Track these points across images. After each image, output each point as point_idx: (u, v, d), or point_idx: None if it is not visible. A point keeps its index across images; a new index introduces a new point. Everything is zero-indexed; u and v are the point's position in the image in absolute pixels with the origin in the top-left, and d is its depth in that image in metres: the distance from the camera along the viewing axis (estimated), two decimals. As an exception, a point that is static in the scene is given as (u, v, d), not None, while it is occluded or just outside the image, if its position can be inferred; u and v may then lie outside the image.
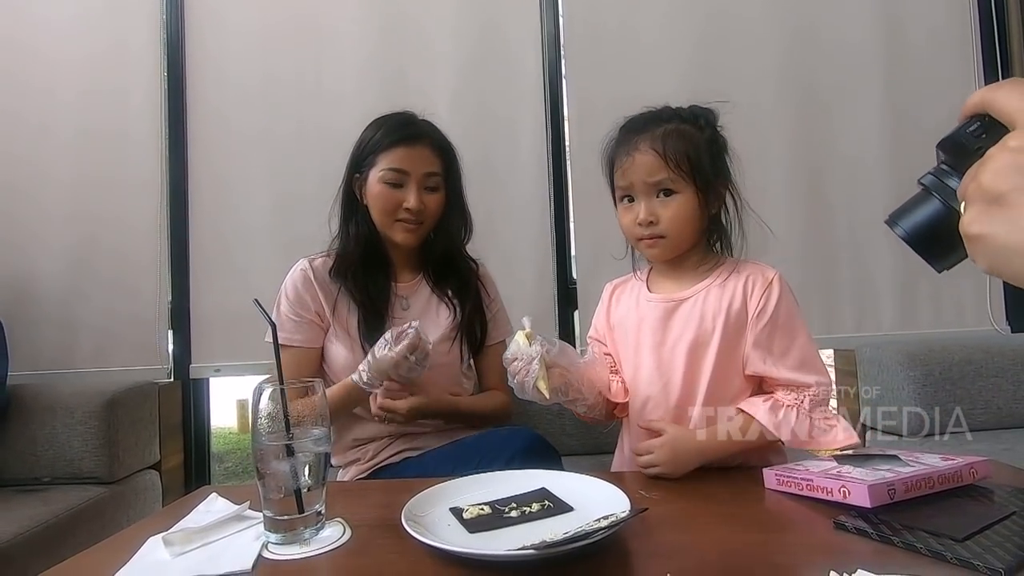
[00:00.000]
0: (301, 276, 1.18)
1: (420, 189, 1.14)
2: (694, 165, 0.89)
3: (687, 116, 0.93)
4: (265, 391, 0.69)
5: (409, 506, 0.71)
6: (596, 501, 0.71)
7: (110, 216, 1.89)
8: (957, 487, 0.72)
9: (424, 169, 1.15)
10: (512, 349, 0.87)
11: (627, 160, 0.91)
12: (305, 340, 1.16)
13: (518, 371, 0.86)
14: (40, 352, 1.84)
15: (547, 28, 1.97)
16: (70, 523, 1.39)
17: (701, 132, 0.92)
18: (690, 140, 0.90)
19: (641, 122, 0.94)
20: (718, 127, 0.95)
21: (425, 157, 1.16)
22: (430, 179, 1.16)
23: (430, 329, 1.16)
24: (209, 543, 0.67)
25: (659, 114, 0.94)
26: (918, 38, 2.00)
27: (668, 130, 0.90)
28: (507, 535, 0.66)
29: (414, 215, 1.14)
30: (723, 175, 0.94)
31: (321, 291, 1.17)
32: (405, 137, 1.15)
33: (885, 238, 1.96)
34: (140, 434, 1.70)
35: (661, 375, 0.91)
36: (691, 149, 0.89)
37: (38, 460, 1.57)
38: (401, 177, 1.14)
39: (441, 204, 1.19)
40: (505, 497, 0.75)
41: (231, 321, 1.87)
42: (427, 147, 1.16)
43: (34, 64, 1.90)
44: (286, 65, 1.93)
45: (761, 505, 0.75)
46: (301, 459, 0.68)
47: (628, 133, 0.94)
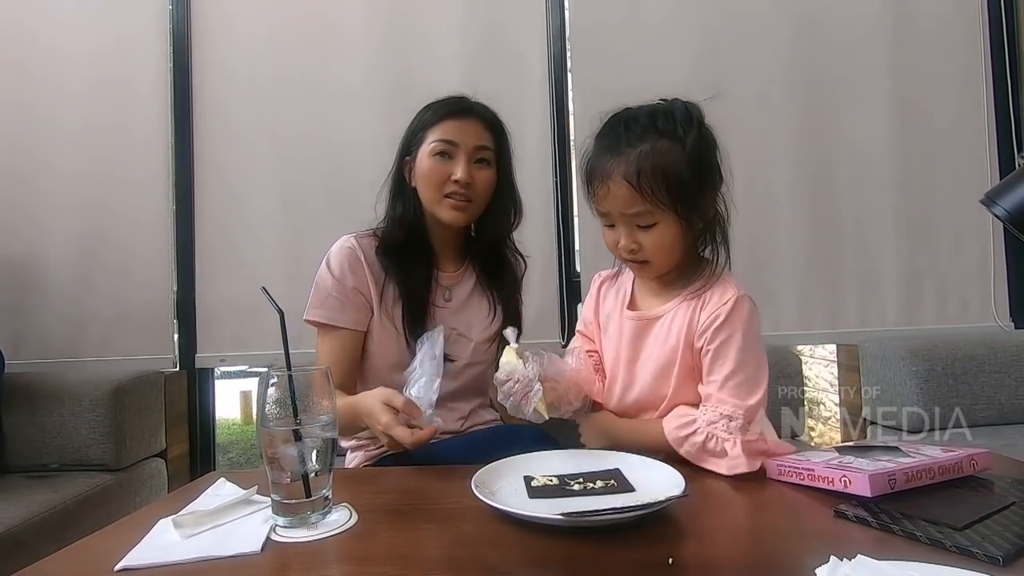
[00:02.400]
0: (349, 253, 1.10)
1: (470, 162, 1.08)
2: (673, 193, 0.83)
3: (665, 126, 0.85)
4: (272, 376, 0.70)
5: (488, 468, 0.78)
6: (660, 486, 0.72)
7: (117, 207, 1.90)
8: (957, 478, 0.73)
9: (474, 142, 1.10)
10: (504, 369, 0.84)
11: (602, 189, 0.86)
12: (351, 321, 1.09)
13: (513, 392, 0.83)
14: (48, 341, 1.86)
15: (553, 21, 1.97)
16: (78, 509, 1.41)
17: (682, 144, 0.84)
18: (668, 162, 0.83)
19: (614, 139, 0.86)
20: (704, 126, 0.88)
21: (476, 131, 1.11)
22: (480, 152, 1.10)
23: (472, 324, 1.16)
24: (218, 525, 0.68)
25: (633, 126, 0.86)
26: (926, 29, 1.99)
27: (643, 153, 0.83)
28: (560, 504, 0.70)
29: (462, 188, 1.08)
30: (709, 185, 0.87)
31: (369, 272, 1.10)
32: (455, 110, 1.12)
33: (891, 233, 1.96)
34: (146, 422, 1.72)
35: (630, 390, 0.92)
36: (670, 173, 0.82)
37: (46, 447, 1.59)
38: (450, 148, 1.08)
39: (490, 183, 1.12)
40: (576, 472, 0.79)
41: (236, 311, 1.88)
42: (478, 121, 1.12)
43: (42, 56, 1.90)
44: (292, 58, 1.93)
45: (763, 494, 0.76)
46: (309, 444, 0.69)
47: (601, 155, 0.87)
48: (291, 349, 0.75)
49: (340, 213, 1.89)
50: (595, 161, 0.88)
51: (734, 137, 2.10)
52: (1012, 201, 0.45)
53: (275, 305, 0.75)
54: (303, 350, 1.35)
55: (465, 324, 1.15)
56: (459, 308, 1.16)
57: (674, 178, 0.83)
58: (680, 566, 0.57)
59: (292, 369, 0.71)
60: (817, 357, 3.43)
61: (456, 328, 1.13)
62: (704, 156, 0.86)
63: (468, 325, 1.16)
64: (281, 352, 0.75)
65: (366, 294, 1.10)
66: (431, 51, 1.94)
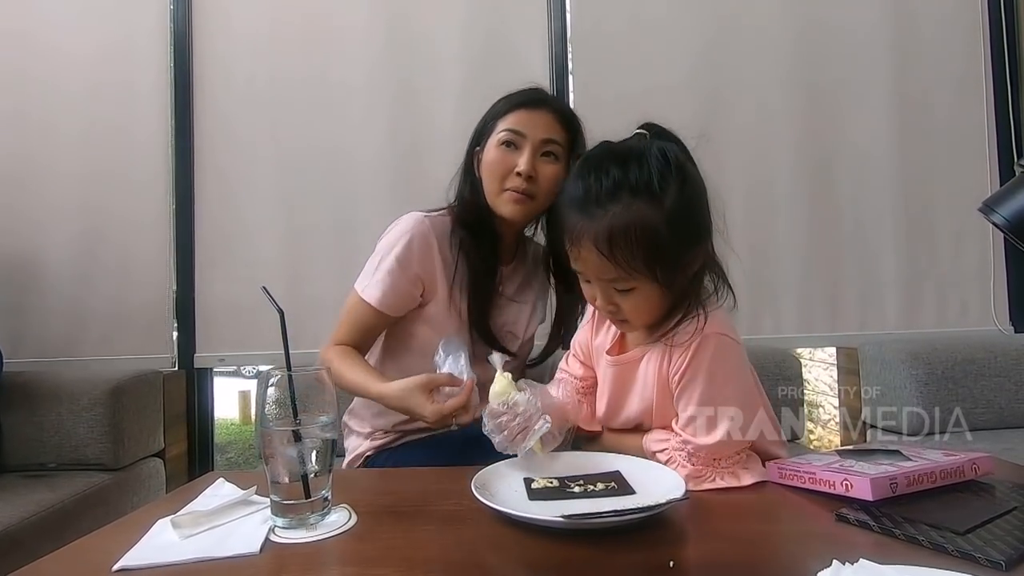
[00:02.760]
0: (422, 239, 1.06)
1: (535, 154, 1.04)
2: (650, 259, 0.75)
3: (639, 180, 0.75)
4: (273, 376, 0.70)
5: (488, 470, 0.77)
6: (660, 488, 0.72)
7: (117, 206, 1.89)
8: (959, 482, 0.72)
9: (542, 135, 1.05)
10: (498, 399, 0.79)
11: (572, 249, 0.79)
12: (393, 309, 1.08)
13: (510, 427, 0.78)
14: (47, 340, 1.86)
15: (554, 24, 1.97)
16: (76, 508, 1.40)
17: (659, 203, 0.74)
18: (643, 226, 0.74)
19: (583, 195, 0.77)
20: (687, 171, 0.78)
21: (546, 122, 1.06)
22: (548, 145, 1.05)
23: (519, 320, 1.17)
24: (217, 526, 0.68)
25: (604, 180, 0.76)
26: (926, 32, 1.99)
27: (615, 216, 0.74)
28: (560, 506, 0.70)
29: (524, 181, 1.03)
30: (695, 241, 0.78)
31: (440, 257, 1.07)
32: (526, 100, 1.08)
33: (891, 235, 1.96)
34: (145, 422, 1.71)
35: (617, 418, 0.92)
36: (645, 239, 0.74)
37: (44, 446, 1.58)
38: (517, 139, 1.05)
39: (556, 178, 1.04)
40: (576, 474, 0.79)
41: (236, 311, 1.88)
42: (549, 113, 1.07)
43: (41, 58, 1.90)
44: (293, 59, 1.93)
45: (764, 497, 0.75)
46: (308, 445, 0.69)
47: (570, 211, 0.78)
48: (291, 349, 0.75)
49: (339, 213, 1.90)
50: (565, 215, 0.79)
51: (734, 140, 2.11)
52: (1011, 209, 0.45)
53: (275, 305, 0.75)
54: (303, 350, 1.36)
55: (513, 322, 1.16)
56: (509, 303, 1.16)
57: (651, 244, 0.74)
58: (681, 569, 0.56)
59: (292, 369, 0.71)
60: (816, 360, 3.43)
61: (506, 324, 1.15)
62: (687, 211, 0.76)
63: (514, 323, 1.16)
64: (281, 352, 0.75)
65: (427, 282, 1.08)
66: (432, 53, 1.93)
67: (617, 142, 0.82)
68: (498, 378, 0.80)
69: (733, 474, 0.78)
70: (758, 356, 1.48)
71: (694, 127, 2.03)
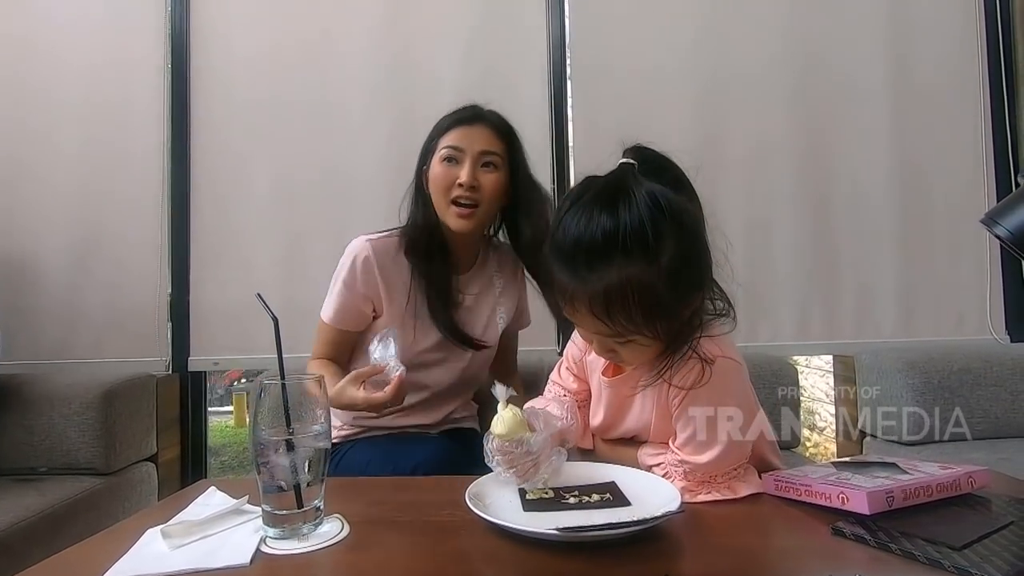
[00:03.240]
0: (363, 264, 1.17)
1: (475, 166, 1.14)
2: (647, 316, 0.71)
3: (634, 238, 0.68)
4: (266, 384, 0.69)
5: (483, 480, 0.77)
6: (656, 500, 0.72)
7: (112, 208, 1.89)
8: (955, 496, 0.72)
9: (480, 147, 1.15)
10: (508, 437, 0.75)
11: (566, 307, 0.75)
12: (352, 326, 1.20)
13: (517, 463, 0.75)
14: (41, 342, 1.85)
15: (553, 32, 1.97)
16: (66, 513, 1.39)
17: (656, 259, 0.69)
18: (639, 291, 0.69)
19: (571, 254, 0.71)
20: (679, 208, 0.71)
21: (483, 136, 1.16)
22: (486, 156, 1.15)
23: (476, 325, 1.24)
24: (208, 536, 0.67)
25: (594, 242, 0.69)
26: (923, 44, 2.00)
27: (610, 283, 0.69)
28: (555, 518, 0.69)
29: (467, 192, 1.12)
30: (696, 287, 0.74)
31: (383, 277, 1.17)
32: (463, 118, 1.18)
33: (888, 244, 1.96)
34: (137, 426, 1.70)
35: (613, 431, 0.91)
36: (643, 300, 0.69)
37: (35, 450, 1.57)
38: (457, 154, 1.14)
39: (498, 186, 1.16)
40: (571, 485, 0.78)
41: (231, 314, 1.87)
42: (485, 127, 1.17)
43: (41, 65, 1.90)
44: (290, 61, 1.93)
45: (760, 510, 0.75)
46: (301, 454, 0.68)
47: (561, 267, 0.73)
48: (287, 354, 0.74)
49: (334, 218, 1.89)
50: (555, 270, 0.74)
51: (732, 152, 2.11)
52: (1014, 222, 0.45)
53: (270, 312, 0.74)
54: (298, 355, 1.35)
55: (472, 323, 1.24)
56: (472, 306, 1.25)
57: (649, 304, 0.70)
58: (676, 584, 0.56)
59: (286, 377, 0.70)
60: (813, 367, 3.43)
61: (466, 325, 1.22)
62: (685, 262, 0.71)
63: (473, 324, 1.24)
64: (275, 357, 0.74)
65: (375, 300, 1.18)
66: (429, 70, 1.93)
67: (602, 179, 0.75)
68: (504, 413, 0.77)
69: (728, 487, 0.77)
70: (754, 363, 1.48)
71: (694, 139, 2.04)
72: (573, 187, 0.78)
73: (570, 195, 0.76)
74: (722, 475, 0.77)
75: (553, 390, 0.99)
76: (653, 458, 0.83)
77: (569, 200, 0.75)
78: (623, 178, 0.73)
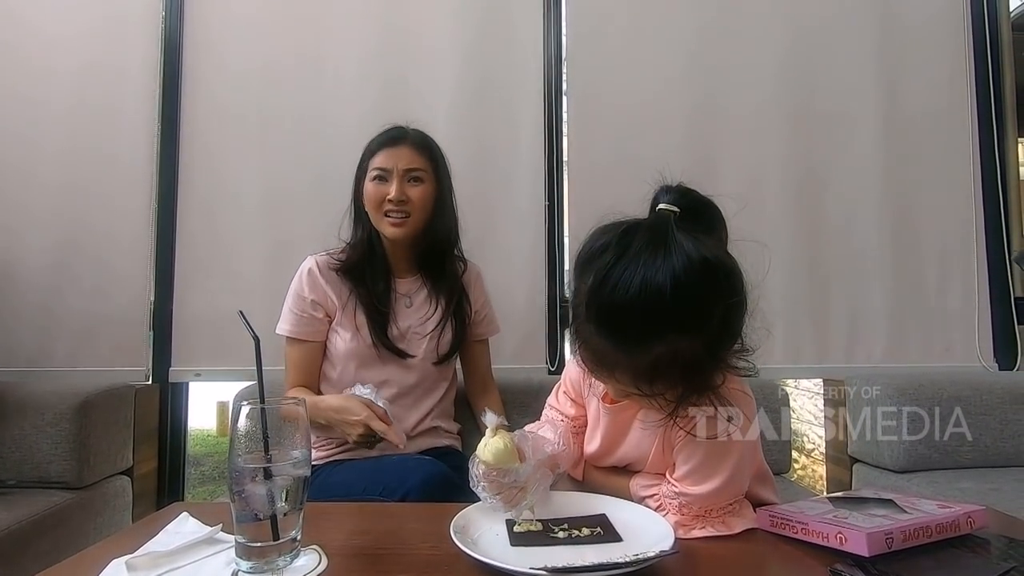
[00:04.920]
0: (308, 275, 1.31)
1: (402, 182, 1.27)
2: (688, 385, 0.69)
3: (688, 304, 0.64)
4: (244, 408, 0.66)
5: (469, 511, 0.75)
6: (648, 536, 0.70)
7: (97, 213, 1.85)
8: (954, 536, 0.70)
9: (405, 165, 1.28)
10: (498, 466, 0.74)
11: (601, 369, 0.72)
12: (309, 334, 1.30)
13: (503, 491, 0.74)
14: (17, 349, 1.79)
15: (551, 38, 1.97)
16: (33, 530, 1.32)
17: (704, 331, 0.66)
18: (687, 363, 0.66)
19: (618, 310, 0.65)
20: (726, 273, 0.68)
21: (407, 155, 1.29)
22: (412, 172, 1.29)
23: (425, 322, 1.33)
24: (176, 569, 0.64)
25: (644, 308, 0.64)
26: (913, 68, 2.01)
27: (658, 355, 0.65)
28: (544, 553, 0.67)
29: (396, 205, 1.26)
30: (732, 349, 0.71)
31: (329, 286, 1.30)
32: (387, 140, 1.31)
33: (877, 271, 1.96)
34: (113, 438, 1.64)
35: (609, 458, 0.89)
36: (688, 372, 0.68)
37: (3, 462, 1.50)
38: (385, 173, 1.28)
39: (426, 196, 1.30)
40: (560, 517, 0.76)
41: (214, 324, 1.83)
42: (408, 146, 1.30)
43: (25, 69, 1.86)
44: (283, 72, 1.91)
45: (755, 547, 0.73)
46: (279, 483, 0.65)
47: (606, 337, 0.67)
48: (270, 368, 0.71)
49: (322, 230, 1.85)
50: (592, 330, 0.68)
51: (726, 172, 2.11)
52: None
53: (251, 331, 0.71)
54: (281, 367, 1.32)
55: (420, 323, 1.34)
56: (416, 309, 1.35)
57: (693, 372, 0.68)
58: (670, 631, 0.53)
59: (266, 401, 0.67)
60: (801, 388, 3.43)
61: (412, 327, 1.32)
62: (731, 328, 0.68)
63: (422, 324, 1.34)
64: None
65: (325, 305, 1.30)
66: (424, 78, 1.92)
67: (645, 233, 0.67)
68: (493, 440, 0.76)
69: (723, 522, 0.75)
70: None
71: (687, 160, 2.04)
72: (608, 235, 0.69)
73: (607, 245, 0.68)
74: (717, 509, 0.75)
75: (550, 414, 0.96)
76: (646, 489, 0.81)
77: (612, 255, 0.67)
78: (666, 232, 0.67)
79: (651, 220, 0.71)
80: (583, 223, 1.91)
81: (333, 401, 1.19)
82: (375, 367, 1.28)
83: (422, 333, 1.33)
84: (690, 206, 0.73)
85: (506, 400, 1.51)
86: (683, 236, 0.66)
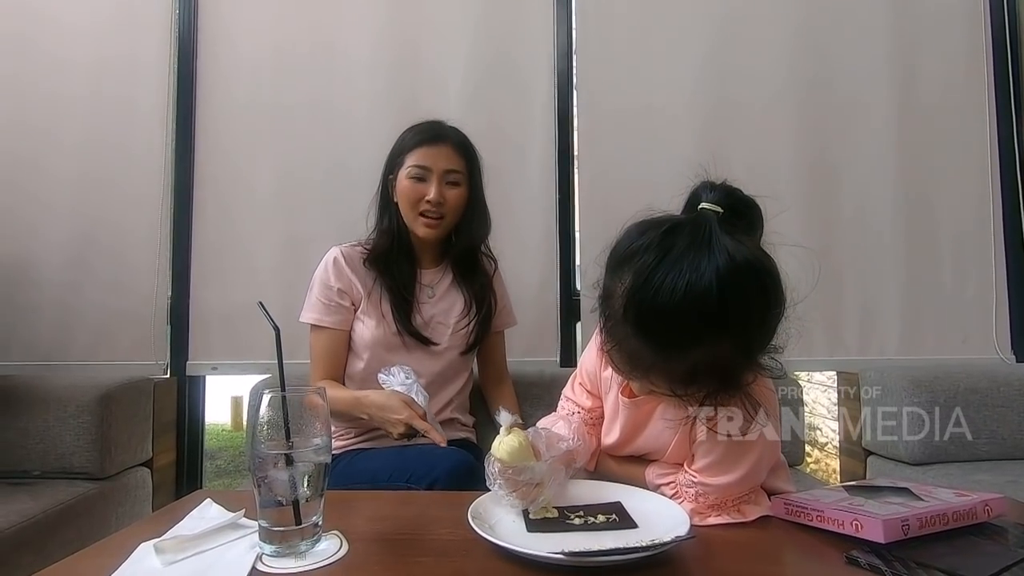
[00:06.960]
0: (334, 264, 1.31)
1: (441, 184, 1.26)
2: (723, 386, 0.69)
3: (727, 316, 0.63)
4: (265, 396, 0.68)
5: (485, 498, 0.76)
6: (663, 523, 0.70)
7: (113, 208, 1.87)
8: (971, 524, 0.70)
9: (445, 166, 1.27)
10: (513, 464, 0.74)
11: (635, 372, 0.71)
12: (335, 322, 1.29)
13: (519, 488, 0.74)
14: (37, 344, 1.82)
15: (559, 38, 1.97)
16: (59, 519, 1.36)
17: (745, 335, 0.65)
18: (725, 366, 0.66)
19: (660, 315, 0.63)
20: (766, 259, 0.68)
21: (447, 155, 1.28)
22: (450, 175, 1.28)
23: (450, 313, 1.34)
24: (202, 552, 0.65)
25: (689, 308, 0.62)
26: (929, 55, 1.99)
27: (696, 361, 0.65)
28: (560, 539, 0.67)
29: (435, 207, 1.26)
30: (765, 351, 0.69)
31: (355, 275, 1.30)
32: (429, 137, 1.28)
33: (892, 262, 1.95)
34: (133, 430, 1.68)
35: (627, 448, 0.89)
36: (724, 375, 0.67)
37: (28, 453, 1.54)
38: (424, 172, 1.26)
39: (461, 199, 1.30)
40: (576, 504, 0.77)
41: (231, 318, 1.86)
42: (449, 146, 1.29)
43: (44, 63, 1.89)
44: (295, 63, 1.92)
45: (771, 535, 0.73)
46: (301, 469, 0.66)
47: (645, 340, 0.65)
48: (288, 361, 0.72)
49: (337, 222, 1.87)
50: (630, 332, 0.66)
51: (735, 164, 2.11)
52: None
53: (271, 321, 0.73)
54: (299, 360, 1.34)
55: (444, 313, 1.34)
56: (439, 299, 1.35)
57: (729, 375, 0.68)
58: (686, 614, 0.54)
59: (287, 389, 0.69)
60: (815, 382, 3.41)
61: (436, 316, 1.33)
62: (769, 331, 0.67)
63: (446, 314, 1.35)
64: (275, 363, 0.72)
65: (351, 293, 1.30)
66: (436, 73, 1.93)
67: (686, 235, 0.66)
68: (508, 439, 0.76)
69: (738, 509, 0.75)
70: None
71: (696, 150, 2.03)
72: (649, 234, 0.67)
73: (648, 245, 0.66)
74: (733, 498, 0.75)
75: (566, 407, 0.96)
76: (662, 477, 0.82)
77: (653, 256, 0.65)
78: (710, 235, 0.65)
79: (693, 220, 0.69)
80: (594, 216, 1.91)
81: (377, 398, 1.16)
82: (400, 354, 1.28)
83: (446, 323, 1.33)
84: (733, 206, 0.72)
85: (518, 392, 1.52)
86: (727, 239, 0.65)
